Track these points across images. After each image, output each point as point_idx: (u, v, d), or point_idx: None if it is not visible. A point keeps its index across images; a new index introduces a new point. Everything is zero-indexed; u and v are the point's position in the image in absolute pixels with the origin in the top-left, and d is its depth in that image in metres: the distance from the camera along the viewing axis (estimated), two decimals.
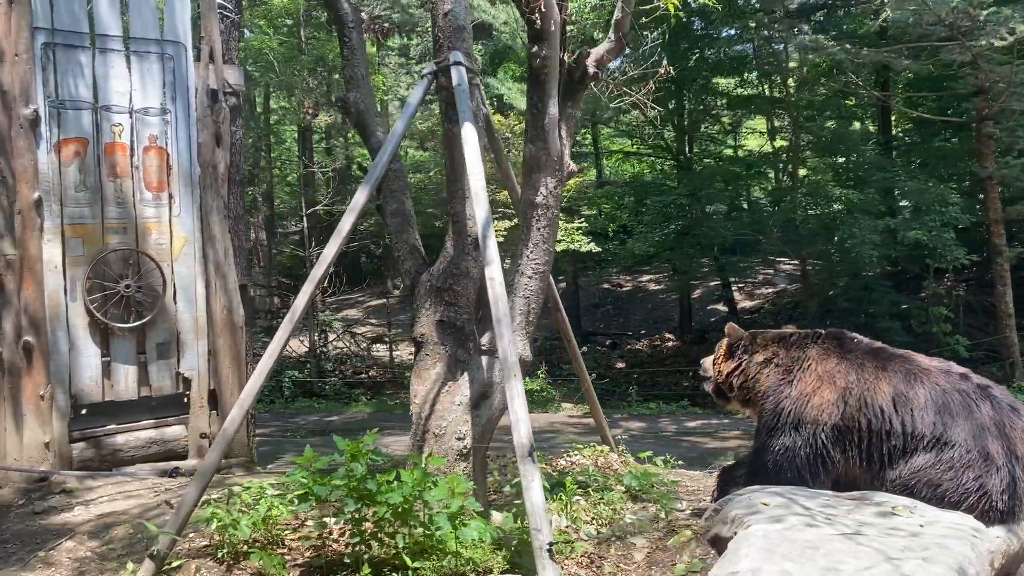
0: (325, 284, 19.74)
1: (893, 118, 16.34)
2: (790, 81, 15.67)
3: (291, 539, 4.38)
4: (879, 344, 4.23)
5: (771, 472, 3.98)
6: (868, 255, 13.03)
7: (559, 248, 15.26)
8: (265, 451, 10.76)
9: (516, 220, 15.42)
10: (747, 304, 33.48)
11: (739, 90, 18.83)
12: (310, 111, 14.91)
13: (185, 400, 7.07)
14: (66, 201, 6.42)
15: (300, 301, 4.44)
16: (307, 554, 4.16)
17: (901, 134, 16.99)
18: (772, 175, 18.74)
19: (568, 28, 4.57)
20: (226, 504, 4.27)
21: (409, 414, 4.97)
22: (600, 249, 16.38)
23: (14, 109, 6.11)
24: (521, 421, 3.53)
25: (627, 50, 4.57)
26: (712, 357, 4.72)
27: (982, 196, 13.47)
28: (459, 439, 4.66)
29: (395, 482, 3.81)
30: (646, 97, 4.98)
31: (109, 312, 6.58)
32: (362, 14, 5.86)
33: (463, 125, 4.59)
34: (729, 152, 21.90)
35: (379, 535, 3.82)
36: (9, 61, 6.11)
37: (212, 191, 7.16)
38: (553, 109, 4.56)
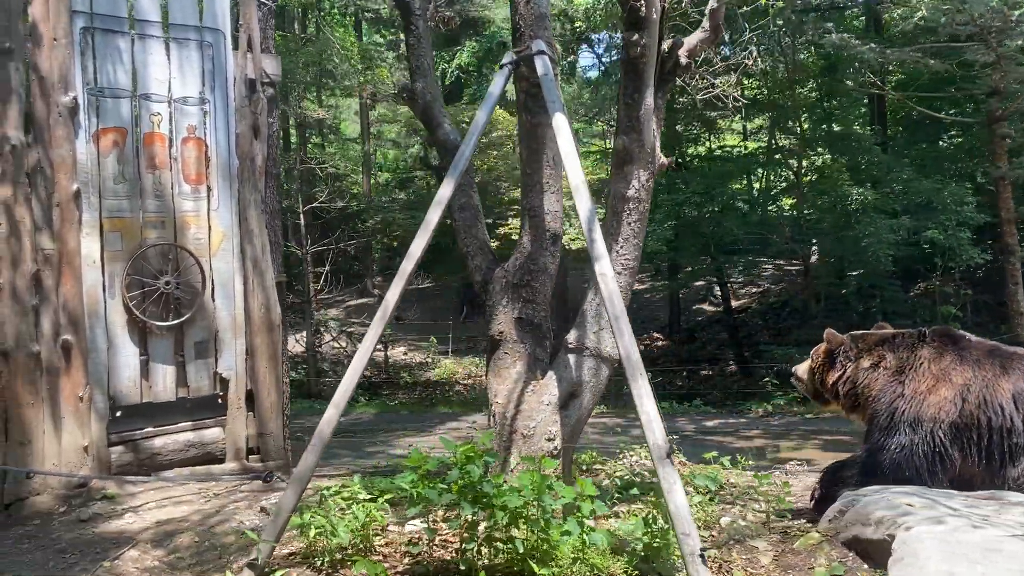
0: (320, 283, 19.42)
1: (892, 118, 16.60)
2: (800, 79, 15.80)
3: (380, 544, 4.19)
4: (992, 342, 4.18)
5: (888, 472, 3.90)
6: (884, 254, 13.15)
7: (575, 246, 15.16)
8: None
9: None
10: (733, 303, 33.76)
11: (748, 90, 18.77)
12: (367, 100, 14.66)
13: (220, 401, 6.82)
14: (104, 193, 6.13)
15: (391, 297, 4.25)
16: (404, 561, 3.98)
17: (902, 133, 17.15)
18: (783, 174, 18.77)
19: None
20: (319, 509, 4.06)
21: (494, 414, 4.80)
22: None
23: (52, 96, 5.81)
24: (653, 421, 3.40)
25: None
26: (807, 364, 4.63)
27: (986, 194, 13.66)
28: (549, 440, 4.51)
29: (505, 485, 3.65)
30: (735, 88, 4.89)
31: (148, 310, 6.31)
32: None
33: (554, 115, 4.44)
34: (736, 150, 21.87)
35: (495, 541, 3.65)
36: (47, 46, 5.81)
37: (250, 184, 6.91)
38: (649, 100, 4.44)
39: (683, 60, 4.57)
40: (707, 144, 21.90)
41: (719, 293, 33.12)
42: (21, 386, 5.61)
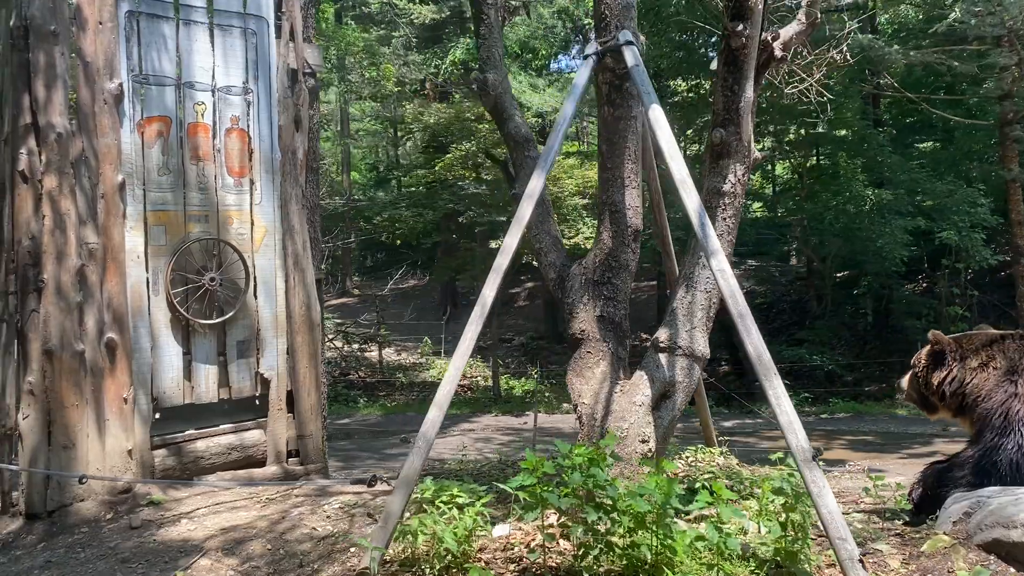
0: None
1: (893, 119, 16.76)
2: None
3: (479, 550, 4.02)
4: None
5: (1005, 473, 3.83)
6: (899, 255, 13.25)
7: (571, 243, 15.00)
8: None
9: None
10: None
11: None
12: (429, 93, 14.36)
13: (257, 403, 6.58)
14: (149, 185, 5.87)
15: (488, 293, 4.09)
16: (510, 568, 3.82)
17: (895, 134, 17.31)
18: (791, 174, 18.74)
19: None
20: (430, 514, 3.87)
21: (580, 415, 4.64)
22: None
23: (98, 83, 5.54)
24: (794, 423, 3.27)
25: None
26: (911, 372, 4.55)
27: (991, 195, 13.83)
28: (642, 442, 4.38)
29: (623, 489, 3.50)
30: (828, 81, 4.79)
31: (191, 307, 6.05)
32: None
33: (650, 108, 4.31)
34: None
35: (614, 547, 3.50)
36: (92, 29, 5.54)
37: (291, 178, 6.68)
38: (749, 92, 4.33)
39: (778, 53, 4.47)
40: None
41: None
42: (66, 387, 5.34)
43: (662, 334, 4.59)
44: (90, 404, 5.47)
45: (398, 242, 19.08)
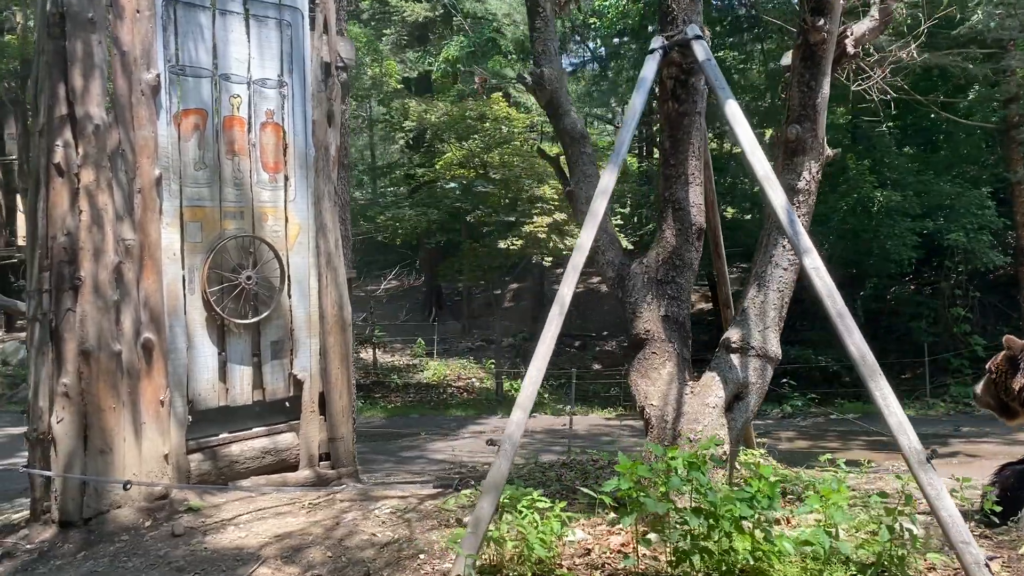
0: None
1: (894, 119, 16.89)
2: None
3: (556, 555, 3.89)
4: None
5: None
6: (907, 256, 13.34)
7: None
8: None
9: (556, 216, 15.09)
10: (703, 306, 34.10)
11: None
12: (480, 87, 14.15)
13: (287, 405, 6.39)
14: (185, 180, 5.67)
15: (565, 291, 3.97)
16: (595, 574, 3.70)
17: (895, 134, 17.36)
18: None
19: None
20: (518, 520, 3.74)
21: (649, 417, 4.53)
22: (632, 247, 16.06)
23: (135, 73, 5.34)
24: (904, 424, 3.20)
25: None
26: (986, 379, 4.51)
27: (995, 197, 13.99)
28: (717, 444, 4.27)
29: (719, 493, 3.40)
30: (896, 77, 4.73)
31: (227, 306, 5.86)
32: None
33: (726, 103, 4.22)
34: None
35: (715, 552, 3.40)
36: (130, 18, 5.33)
37: (324, 175, 6.51)
38: (826, 88, 4.25)
39: (850, 49, 4.41)
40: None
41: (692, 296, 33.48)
42: (103, 389, 5.12)
43: (734, 334, 4.50)
44: (127, 407, 5.26)
45: (398, 241, 18.85)
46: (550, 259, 14.85)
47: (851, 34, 4.40)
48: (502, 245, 14.17)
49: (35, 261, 5.27)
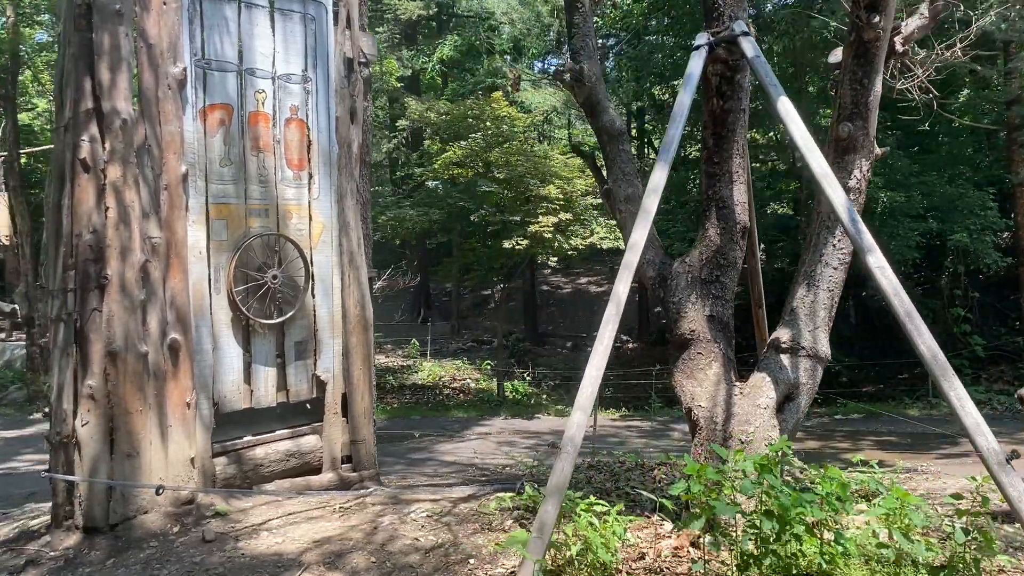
0: None
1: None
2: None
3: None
4: None
5: None
6: (911, 257, 13.43)
7: (586, 242, 14.83)
8: None
9: (562, 215, 15.01)
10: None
11: None
12: (513, 85, 13.98)
13: (308, 407, 6.27)
14: (211, 177, 5.54)
15: (621, 289, 3.90)
16: None
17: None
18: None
19: None
20: (582, 524, 3.66)
21: (697, 418, 4.46)
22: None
23: (161, 67, 5.20)
24: (981, 424, 3.16)
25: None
26: None
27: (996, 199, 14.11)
28: (769, 446, 4.22)
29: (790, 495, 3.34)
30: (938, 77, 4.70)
31: (252, 306, 5.73)
32: None
33: (778, 100, 4.17)
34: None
35: (783, 555, 3.34)
36: (156, 10, 5.19)
37: (346, 172, 6.40)
38: (878, 86, 4.22)
39: (899, 47, 4.37)
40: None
41: None
42: (130, 391, 4.98)
43: (784, 334, 4.45)
44: (153, 409, 5.12)
45: (397, 241, 18.68)
46: (555, 259, 14.80)
47: (901, 32, 4.37)
48: (507, 245, 14.09)
49: (58, 259, 5.11)
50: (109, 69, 4.97)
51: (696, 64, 4.50)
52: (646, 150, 28.34)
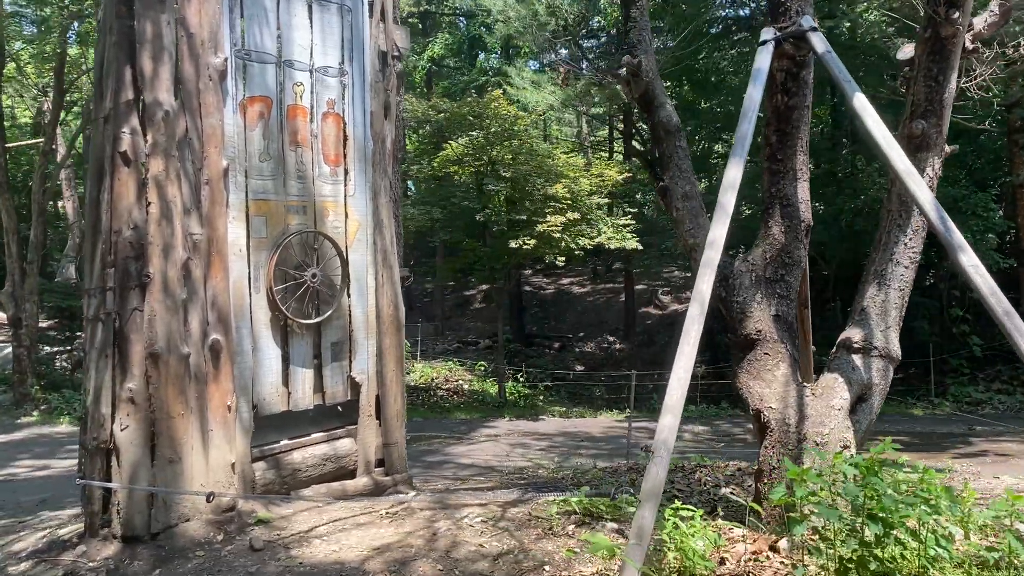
0: None
1: None
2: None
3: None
4: None
5: None
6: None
7: (594, 242, 14.72)
8: None
9: (570, 215, 14.88)
10: (678, 307, 34.35)
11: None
12: (564, 79, 13.72)
13: (340, 409, 6.10)
14: (250, 172, 5.35)
15: (704, 288, 3.80)
16: None
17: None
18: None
19: None
20: (674, 530, 3.55)
21: (768, 420, 4.38)
22: (642, 247, 15.95)
23: (202, 57, 5.01)
24: None
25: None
26: None
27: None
28: (844, 447, 4.16)
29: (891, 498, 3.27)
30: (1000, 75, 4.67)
31: (291, 306, 5.55)
32: None
33: (853, 96, 4.11)
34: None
35: (883, 559, 3.26)
36: None
37: (380, 169, 6.25)
38: (953, 83, 4.17)
39: (968, 44, 4.33)
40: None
41: (664, 296, 33.68)
42: (172, 394, 4.78)
43: (855, 334, 4.39)
44: (194, 413, 4.92)
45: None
46: (563, 259, 14.72)
47: (973, 28, 4.34)
48: (513, 244, 13.95)
49: (96, 257, 4.90)
50: (151, 59, 4.77)
51: (764, 59, 4.43)
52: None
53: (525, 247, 13.91)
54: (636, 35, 4.97)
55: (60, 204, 26.63)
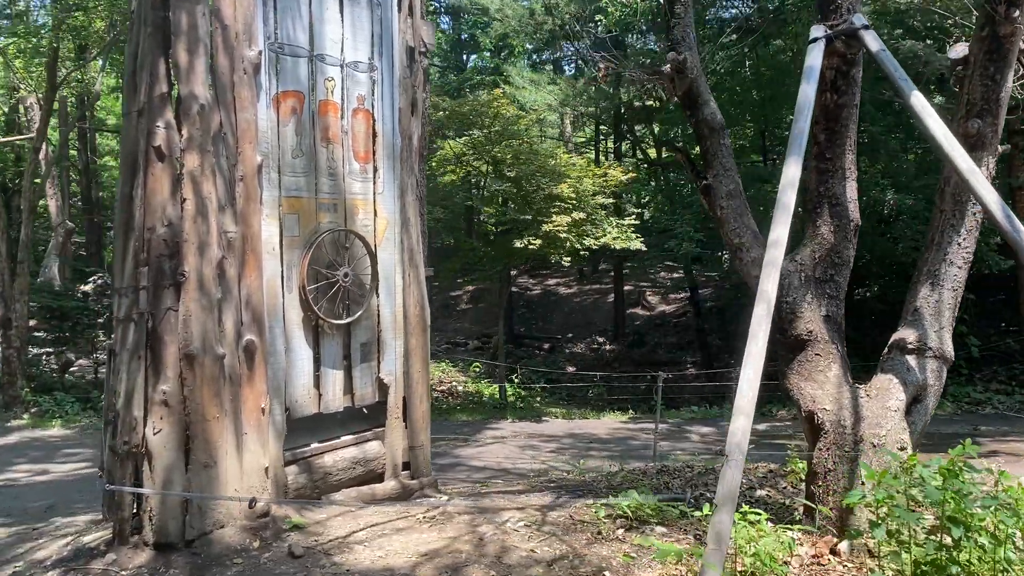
0: None
1: None
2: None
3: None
4: None
5: None
6: (916, 258, 13.59)
7: (599, 243, 14.67)
8: None
9: (576, 215, 14.80)
10: (665, 308, 34.43)
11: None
12: (604, 76, 13.53)
13: (365, 412, 5.97)
14: (283, 169, 5.22)
15: (769, 288, 3.74)
16: None
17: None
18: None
19: None
20: (752, 535, 3.48)
21: (822, 422, 4.32)
22: (645, 248, 15.92)
23: (237, 50, 4.87)
24: None
25: None
26: None
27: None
28: (901, 449, 4.12)
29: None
30: None
31: (322, 306, 5.43)
32: None
33: (911, 95, 4.08)
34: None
35: (961, 564, 3.22)
36: None
37: (407, 166, 6.14)
38: (1010, 81, 4.15)
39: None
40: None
41: (651, 297, 33.75)
42: (207, 397, 4.64)
43: (909, 335, 4.36)
44: (228, 416, 4.78)
45: None
46: (568, 259, 14.63)
47: None
48: (518, 244, 13.86)
49: (127, 254, 4.75)
50: (187, 51, 4.62)
51: (816, 57, 4.38)
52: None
53: (531, 247, 13.84)
54: (680, 31, 4.91)
55: (41, 202, 26.09)
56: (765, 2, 17.23)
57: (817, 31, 4.46)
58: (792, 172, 4.02)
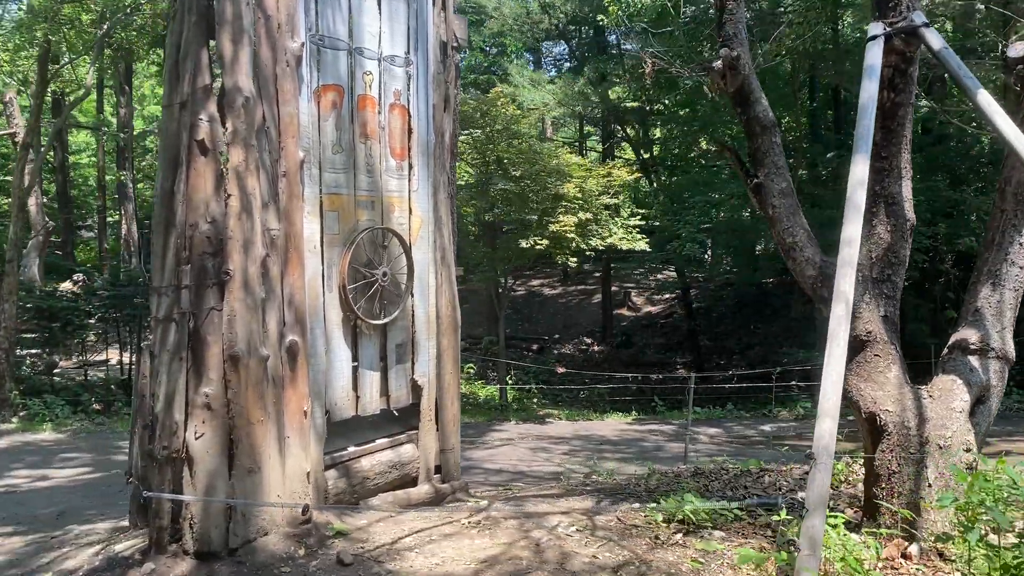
0: None
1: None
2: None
3: None
4: None
5: None
6: (921, 260, 13.76)
7: (605, 243, 14.60)
8: None
9: (581, 215, 14.72)
10: (651, 309, 34.51)
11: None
12: (649, 74, 13.29)
13: (396, 414, 5.83)
14: (324, 165, 5.07)
15: (847, 288, 3.68)
16: None
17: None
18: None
19: None
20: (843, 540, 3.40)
21: (884, 423, 4.27)
22: (649, 248, 15.89)
23: (279, 41, 4.72)
24: None
25: None
26: None
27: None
28: (967, 451, 4.08)
29: None
30: None
31: (361, 306, 5.29)
32: None
33: (977, 93, 4.05)
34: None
35: None
36: None
37: (440, 163, 6.02)
38: None
39: None
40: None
41: (637, 299, 33.82)
42: (251, 399, 4.48)
43: (971, 335, 4.32)
44: (272, 419, 4.63)
45: None
46: (575, 259, 14.57)
47: None
48: (524, 245, 13.76)
49: (167, 252, 4.58)
50: (231, 41, 4.47)
51: (876, 55, 4.34)
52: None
53: (537, 247, 13.75)
54: (732, 28, 4.84)
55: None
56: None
57: (876, 28, 4.42)
58: (860, 171, 3.98)
